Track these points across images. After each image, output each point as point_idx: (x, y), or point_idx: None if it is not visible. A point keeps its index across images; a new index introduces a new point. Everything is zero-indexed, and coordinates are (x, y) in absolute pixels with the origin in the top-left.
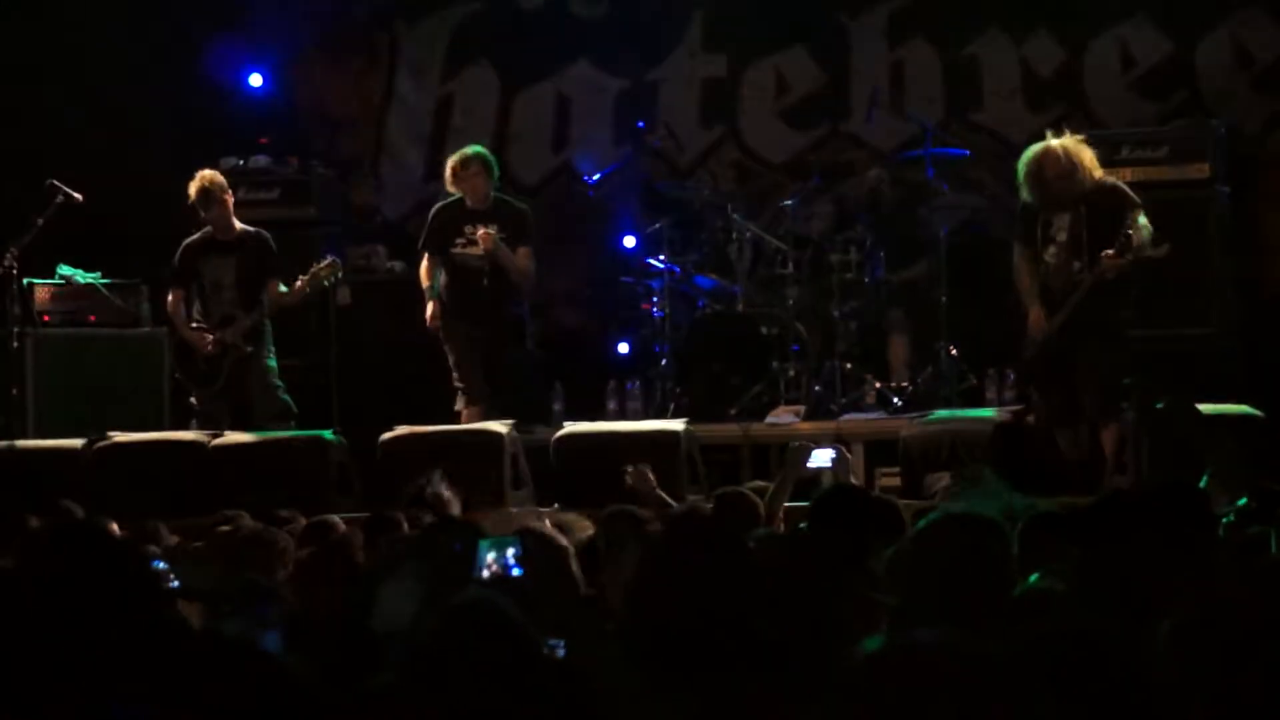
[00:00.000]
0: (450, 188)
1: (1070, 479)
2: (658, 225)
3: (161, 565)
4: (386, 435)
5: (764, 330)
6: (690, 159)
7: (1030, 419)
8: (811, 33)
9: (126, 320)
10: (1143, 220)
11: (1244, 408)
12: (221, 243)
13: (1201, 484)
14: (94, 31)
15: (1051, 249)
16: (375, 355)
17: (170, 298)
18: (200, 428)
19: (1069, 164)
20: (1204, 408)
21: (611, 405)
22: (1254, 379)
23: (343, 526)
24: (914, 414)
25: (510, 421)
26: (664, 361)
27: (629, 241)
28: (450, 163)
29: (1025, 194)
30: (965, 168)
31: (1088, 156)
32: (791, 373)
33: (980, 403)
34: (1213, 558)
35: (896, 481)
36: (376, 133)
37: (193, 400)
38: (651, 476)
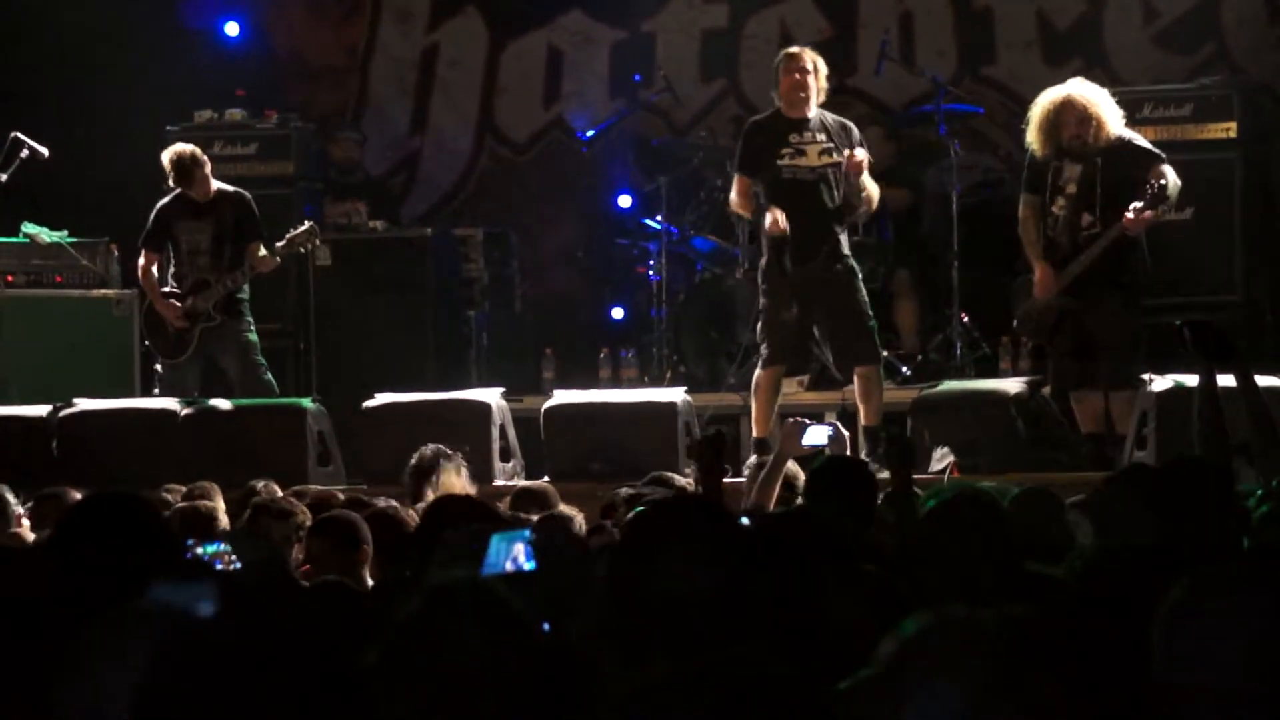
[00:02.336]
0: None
1: (1089, 454)
2: (654, 184)
3: (222, 547)
4: (368, 403)
5: None
6: (689, 114)
7: (1047, 390)
8: None
9: (94, 281)
10: (1171, 175)
11: (1274, 380)
12: (197, 204)
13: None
14: None
15: (1060, 200)
16: (356, 319)
17: (142, 261)
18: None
19: (1088, 117)
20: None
21: (605, 373)
22: None
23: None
24: (923, 384)
25: (498, 389)
26: (660, 327)
27: (624, 201)
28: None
29: (1035, 145)
30: (978, 125)
31: (1110, 110)
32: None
33: (994, 373)
34: (1234, 543)
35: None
36: (359, 84)
37: (157, 368)
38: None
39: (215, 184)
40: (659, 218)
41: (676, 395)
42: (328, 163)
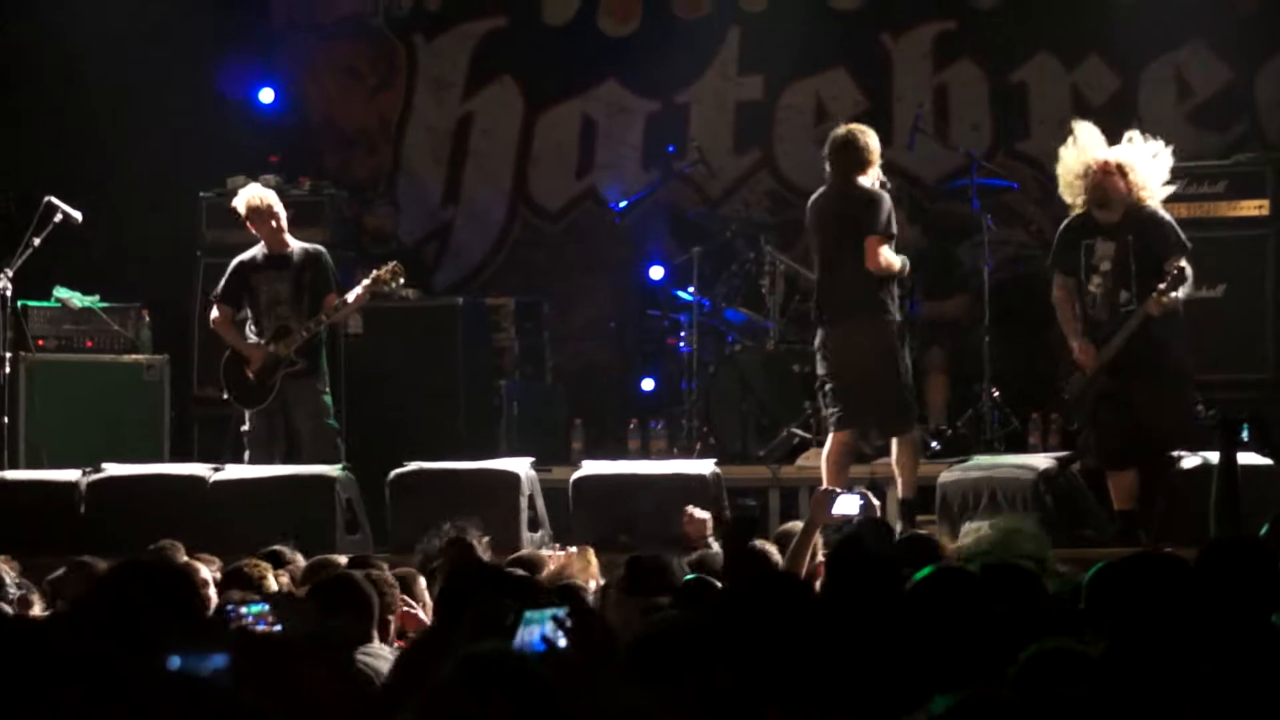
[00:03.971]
0: None
1: (1118, 530)
2: (687, 256)
3: (265, 608)
4: (396, 472)
5: (796, 368)
6: (722, 186)
7: (1077, 466)
8: (852, 54)
9: (125, 346)
10: (1187, 270)
11: None
12: (277, 258)
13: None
14: (96, 45)
15: (1095, 279)
16: (387, 387)
17: (216, 314)
18: (253, 456)
19: (1128, 185)
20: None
21: (634, 444)
22: None
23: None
24: (952, 459)
25: (527, 459)
26: (691, 399)
27: (656, 272)
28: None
29: (1073, 199)
30: (1011, 201)
31: (1143, 176)
32: (824, 413)
33: (1023, 448)
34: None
35: (933, 530)
36: (393, 152)
37: (245, 426)
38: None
39: (294, 243)
40: (691, 289)
41: (706, 467)
42: (361, 230)
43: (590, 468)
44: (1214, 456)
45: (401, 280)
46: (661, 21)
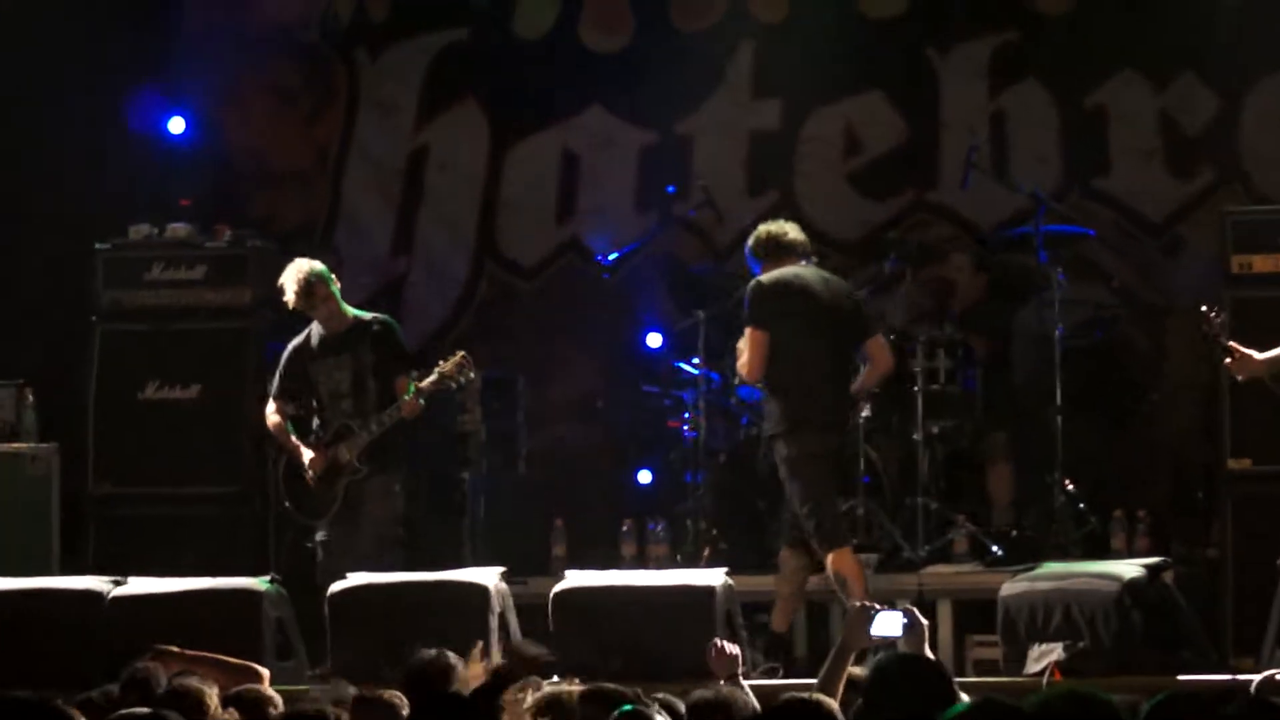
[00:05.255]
0: None
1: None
2: (691, 320)
3: None
4: (337, 586)
5: None
6: (733, 234)
7: (1171, 576)
8: (892, 73)
9: (4, 433)
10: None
11: None
12: (332, 339)
13: None
14: None
15: None
16: None
17: (269, 409)
18: (324, 567)
19: None
20: None
21: (628, 550)
22: None
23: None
24: (1018, 566)
25: (497, 569)
26: (697, 494)
27: (654, 340)
28: None
29: None
30: (1087, 250)
31: None
32: (860, 511)
33: (1105, 553)
34: None
35: (994, 653)
36: (330, 193)
37: (318, 536)
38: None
39: (352, 311)
40: (696, 361)
41: (716, 578)
42: None
43: (575, 579)
44: None
45: (471, 375)
46: (658, 34)
